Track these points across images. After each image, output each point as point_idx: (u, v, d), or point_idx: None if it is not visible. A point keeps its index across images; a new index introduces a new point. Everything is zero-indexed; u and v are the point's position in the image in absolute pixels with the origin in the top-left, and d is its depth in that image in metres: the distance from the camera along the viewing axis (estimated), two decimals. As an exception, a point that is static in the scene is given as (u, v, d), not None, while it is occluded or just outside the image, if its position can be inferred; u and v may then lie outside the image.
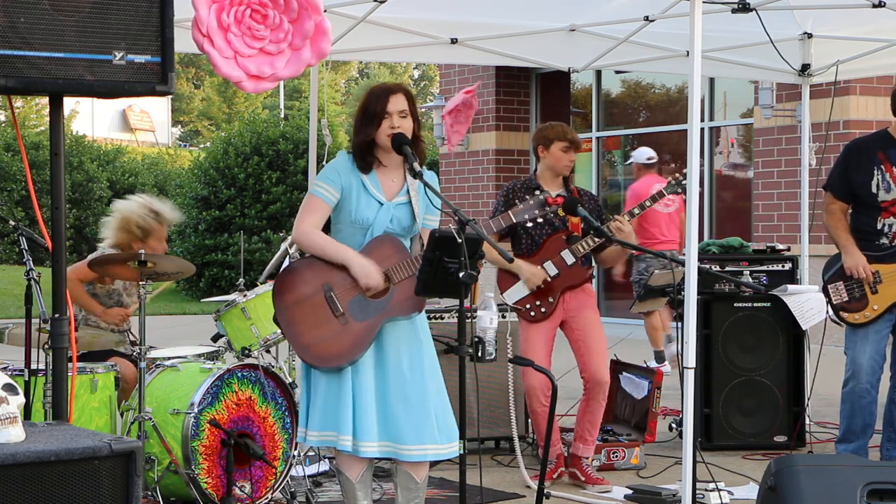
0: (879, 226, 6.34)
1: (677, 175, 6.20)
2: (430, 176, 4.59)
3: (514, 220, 4.87)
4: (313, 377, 4.59)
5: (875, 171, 6.31)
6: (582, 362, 6.27)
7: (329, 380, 4.54)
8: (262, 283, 6.20)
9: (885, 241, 6.32)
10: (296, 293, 4.59)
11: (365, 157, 4.64)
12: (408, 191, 4.66)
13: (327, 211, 4.64)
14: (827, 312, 6.66)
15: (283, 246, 6.52)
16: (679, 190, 6.17)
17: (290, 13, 4.69)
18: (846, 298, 6.39)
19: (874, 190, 6.30)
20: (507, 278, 6.30)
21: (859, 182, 6.33)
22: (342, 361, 4.52)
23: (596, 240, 6.10)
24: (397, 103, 4.60)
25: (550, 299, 6.24)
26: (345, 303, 4.56)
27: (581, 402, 6.34)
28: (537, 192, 4.92)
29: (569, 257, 6.22)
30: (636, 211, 6.22)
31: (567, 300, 6.27)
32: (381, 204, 4.62)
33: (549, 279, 6.21)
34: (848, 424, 6.38)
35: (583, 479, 6.24)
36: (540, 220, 4.97)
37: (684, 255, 5.32)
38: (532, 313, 6.24)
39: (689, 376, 5.06)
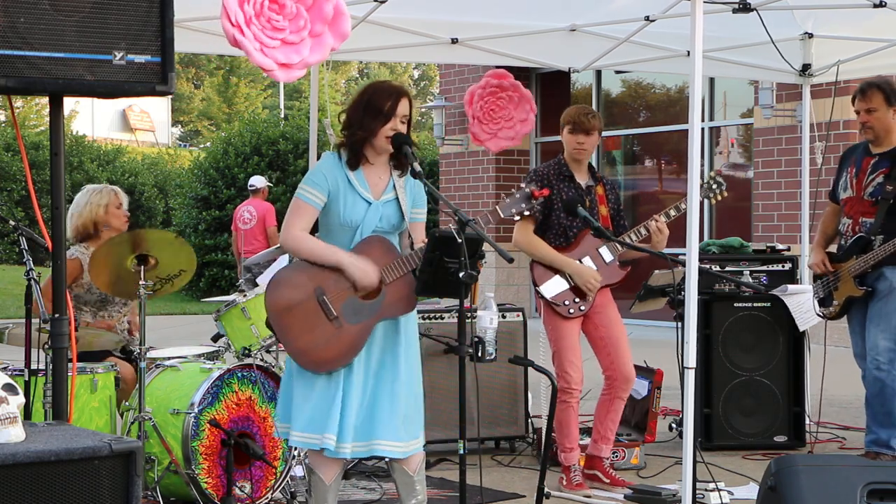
0: (840, 226, 6.64)
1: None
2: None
3: (502, 216, 4.72)
4: (306, 378, 4.56)
5: (844, 172, 6.62)
6: (609, 360, 6.09)
7: (321, 383, 4.52)
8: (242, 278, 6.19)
9: (842, 241, 6.61)
10: (288, 298, 4.56)
11: (357, 152, 4.62)
12: (394, 187, 4.64)
13: (315, 215, 4.61)
14: (815, 308, 6.81)
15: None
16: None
17: (305, 0, 4.69)
18: (821, 295, 6.71)
19: (840, 189, 6.62)
20: (543, 270, 6.03)
21: (837, 184, 6.69)
22: (338, 365, 4.51)
23: (632, 238, 5.94)
24: (404, 108, 4.59)
25: (589, 298, 6.02)
26: (338, 306, 4.54)
27: (603, 401, 6.14)
28: (522, 185, 4.76)
29: (607, 255, 6.04)
30: (672, 213, 6.05)
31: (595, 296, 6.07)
32: (370, 203, 4.59)
33: (599, 280, 5.98)
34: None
35: (607, 481, 6.11)
36: (527, 213, 4.74)
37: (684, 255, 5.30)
38: (570, 310, 6.01)
39: (689, 376, 5.06)
